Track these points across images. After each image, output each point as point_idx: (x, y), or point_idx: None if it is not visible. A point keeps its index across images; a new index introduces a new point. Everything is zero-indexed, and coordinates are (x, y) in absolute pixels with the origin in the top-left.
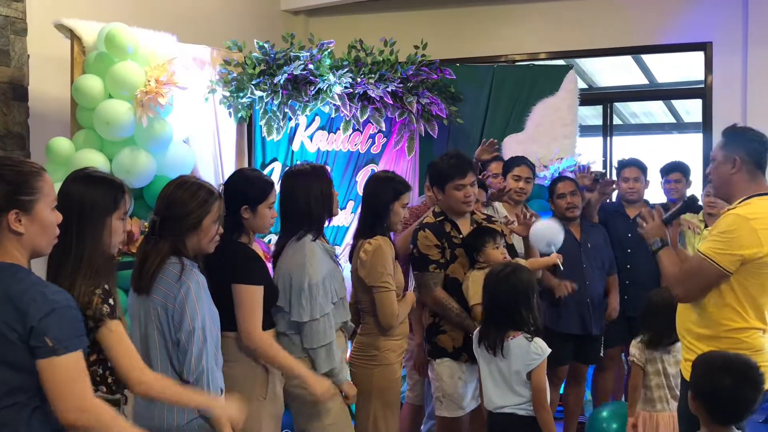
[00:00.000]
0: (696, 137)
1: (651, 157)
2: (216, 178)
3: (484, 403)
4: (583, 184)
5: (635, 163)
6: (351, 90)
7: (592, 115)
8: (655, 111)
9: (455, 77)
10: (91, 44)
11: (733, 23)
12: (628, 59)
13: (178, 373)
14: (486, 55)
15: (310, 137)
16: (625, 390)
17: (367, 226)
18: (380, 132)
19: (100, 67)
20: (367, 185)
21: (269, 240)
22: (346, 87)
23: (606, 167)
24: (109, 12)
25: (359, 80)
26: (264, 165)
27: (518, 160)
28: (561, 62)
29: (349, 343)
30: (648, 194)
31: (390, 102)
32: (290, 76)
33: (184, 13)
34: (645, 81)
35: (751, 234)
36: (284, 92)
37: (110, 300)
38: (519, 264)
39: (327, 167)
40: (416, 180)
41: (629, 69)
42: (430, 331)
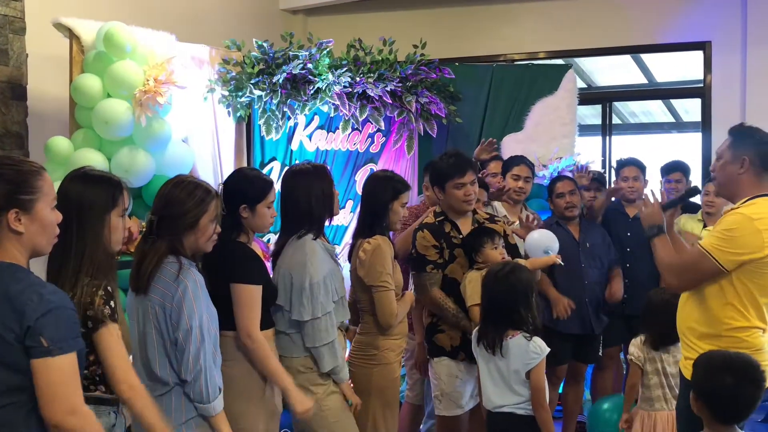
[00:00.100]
0: (695, 137)
1: (650, 157)
2: (215, 178)
3: (483, 403)
4: (582, 184)
5: (634, 163)
6: (350, 89)
7: (591, 115)
8: (654, 110)
9: (454, 76)
10: (90, 43)
11: (732, 23)
12: (627, 59)
13: (177, 373)
14: (485, 55)
15: (309, 136)
16: (624, 389)
17: (366, 226)
18: (379, 131)
19: (99, 67)
20: (366, 184)
21: (268, 239)
22: (345, 86)
23: (605, 166)
24: (108, 11)
25: (358, 79)
26: (263, 164)
27: (517, 160)
28: (560, 61)
29: (348, 343)
30: (648, 194)
31: (389, 101)
32: (289, 76)
33: (183, 13)
34: (644, 80)
35: (755, 234)
36: (283, 91)
37: (111, 302)
38: (518, 263)
39: (328, 167)
40: (415, 179)
41: (628, 68)
42: (429, 330)
